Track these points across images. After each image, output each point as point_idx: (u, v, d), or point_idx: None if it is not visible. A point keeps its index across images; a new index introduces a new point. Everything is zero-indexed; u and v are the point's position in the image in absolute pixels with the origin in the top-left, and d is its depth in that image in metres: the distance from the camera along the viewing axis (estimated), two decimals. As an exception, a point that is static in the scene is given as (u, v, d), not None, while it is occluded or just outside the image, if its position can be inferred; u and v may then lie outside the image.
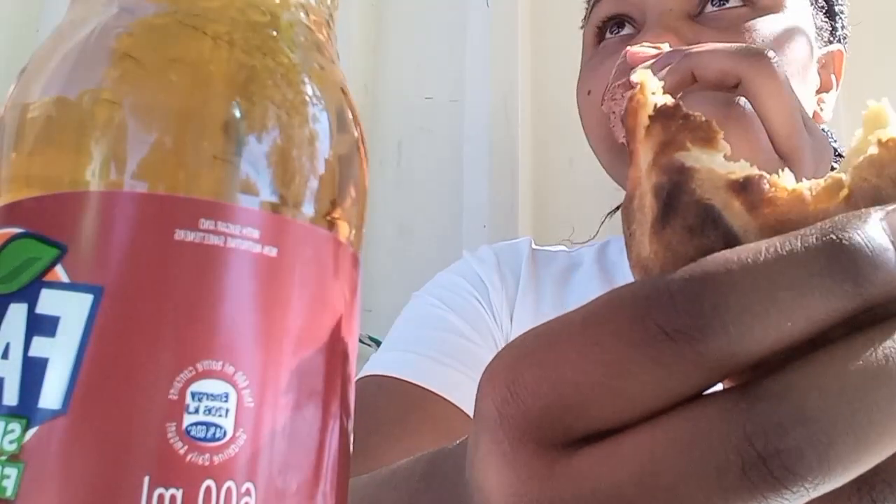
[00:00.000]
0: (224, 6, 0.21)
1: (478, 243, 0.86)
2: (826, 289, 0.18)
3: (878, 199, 0.20)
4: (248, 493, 0.18)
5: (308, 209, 0.21)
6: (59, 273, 0.18)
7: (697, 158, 0.21)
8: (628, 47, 0.58)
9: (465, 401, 0.61)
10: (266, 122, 0.20)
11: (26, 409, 0.18)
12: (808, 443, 0.18)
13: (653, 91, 0.23)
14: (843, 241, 0.18)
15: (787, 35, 0.65)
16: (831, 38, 0.74)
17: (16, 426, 0.18)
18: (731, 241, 0.20)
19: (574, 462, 0.20)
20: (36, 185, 0.20)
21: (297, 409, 0.19)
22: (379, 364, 0.66)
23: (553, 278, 0.74)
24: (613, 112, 0.60)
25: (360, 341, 1.04)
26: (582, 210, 1.06)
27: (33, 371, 0.18)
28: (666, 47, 0.57)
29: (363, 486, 0.37)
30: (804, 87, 0.66)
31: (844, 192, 0.20)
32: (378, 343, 0.89)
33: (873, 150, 0.20)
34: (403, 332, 0.71)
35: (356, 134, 0.23)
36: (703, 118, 0.21)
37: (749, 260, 0.19)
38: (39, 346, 0.18)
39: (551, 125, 1.19)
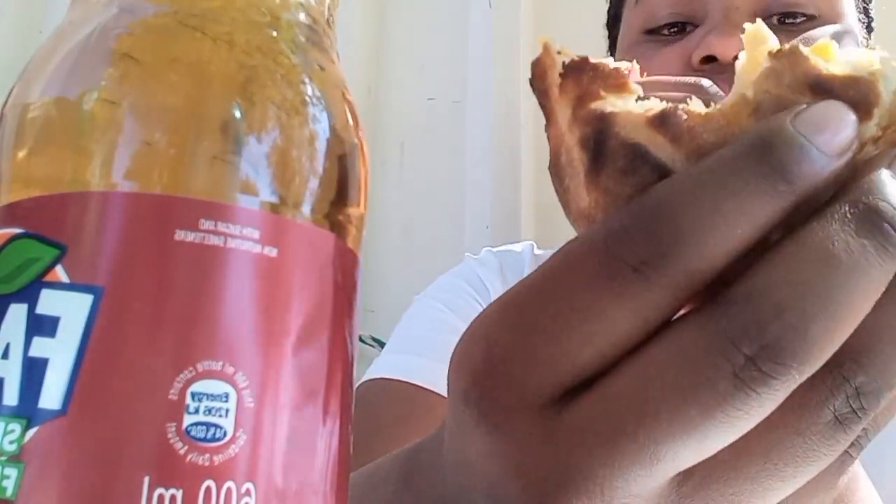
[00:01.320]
0: (224, 6, 0.21)
1: (480, 244, 0.87)
2: (761, 192, 0.20)
3: (782, 107, 0.21)
4: (248, 493, 0.18)
5: (308, 209, 0.21)
6: (59, 273, 0.18)
7: (614, 104, 0.22)
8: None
9: None
10: (266, 122, 0.20)
11: (26, 410, 0.18)
12: (787, 332, 0.19)
13: (558, 51, 0.24)
14: (766, 147, 0.20)
15: (845, 44, 0.66)
16: (867, 35, 0.76)
17: (16, 426, 0.18)
18: (663, 173, 0.21)
19: (569, 415, 0.21)
20: (36, 185, 0.20)
21: (297, 409, 0.19)
22: (382, 367, 0.66)
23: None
24: None
25: (363, 342, 1.04)
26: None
27: (33, 371, 0.18)
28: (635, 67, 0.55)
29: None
30: None
31: (752, 106, 0.21)
32: (381, 344, 0.89)
33: (766, 62, 0.21)
34: (406, 335, 0.71)
35: (356, 134, 0.23)
36: (612, 65, 0.22)
37: (688, 183, 0.20)
38: (39, 347, 0.18)
39: (554, 126, 1.19)
